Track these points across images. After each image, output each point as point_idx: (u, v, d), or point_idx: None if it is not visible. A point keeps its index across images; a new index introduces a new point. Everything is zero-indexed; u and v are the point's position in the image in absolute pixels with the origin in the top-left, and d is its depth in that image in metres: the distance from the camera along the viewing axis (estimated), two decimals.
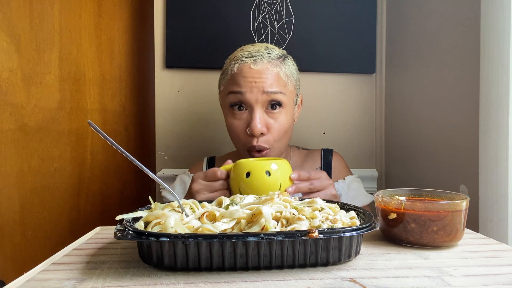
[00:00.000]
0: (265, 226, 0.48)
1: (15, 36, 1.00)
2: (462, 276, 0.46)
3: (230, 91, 0.87)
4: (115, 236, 0.46)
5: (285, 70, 0.88)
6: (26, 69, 1.03)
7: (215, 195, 0.75)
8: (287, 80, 0.87)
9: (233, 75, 0.87)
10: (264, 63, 0.85)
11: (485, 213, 0.79)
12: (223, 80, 0.91)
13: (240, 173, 0.74)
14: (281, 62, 0.88)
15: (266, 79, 0.84)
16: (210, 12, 1.23)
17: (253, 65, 0.85)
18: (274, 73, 0.86)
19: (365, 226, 0.50)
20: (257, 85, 0.84)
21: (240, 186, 0.74)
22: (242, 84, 0.85)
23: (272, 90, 0.84)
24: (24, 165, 1.03)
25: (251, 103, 0.85)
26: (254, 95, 0.84)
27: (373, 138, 1.34)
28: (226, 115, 0.90)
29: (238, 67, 0.86)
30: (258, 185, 0.73)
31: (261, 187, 0.73)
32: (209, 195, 0.75)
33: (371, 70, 1.30)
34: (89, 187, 1.22)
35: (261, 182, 0.73)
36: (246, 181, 0.73)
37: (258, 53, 0.87)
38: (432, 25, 1.03)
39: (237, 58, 0.88)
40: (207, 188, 0.76)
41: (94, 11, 1.22)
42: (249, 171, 0.73)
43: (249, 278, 0.45)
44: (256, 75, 0.84)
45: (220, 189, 0.76)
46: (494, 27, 0.77)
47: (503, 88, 0.75)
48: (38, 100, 1.06)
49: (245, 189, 0.73)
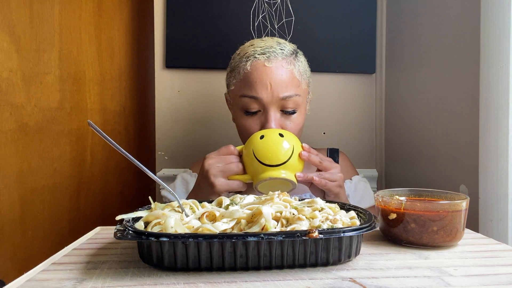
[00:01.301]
0: (265, 226, 0.48)
1: (15, 36, 1.00)
2: (462, 276, 0.46)
3: (243, 94, 0.84)
4: (115, 236, 0.46)
5: (299, 67, 0.86)
6: (26, 69, 1.03)
7: (228, 167, 0.75)
8: (300, 79, 0.86)
9: (246, 74, 0.83)
10: (278, 60, 0.83)
11: (485, 213, 0.79)
12: (233, 79, 0.87)
13: (254, 138, 0.77)
14: (294, 59, 0.86)
15: (281, 81, 0.82)
16: (210, 12, 1.23)
17: (267, 63, 0.82)
18: (288, 72, 0.83)
19: (365, 226, 0.50)
20: (272, 89, 0.81)
21: (254, 149, 0.75)
22: (258, 88, 0.81)
23: (287, 95, 0.82)
24: (24, 165, 1.03)
25: (266, 106, 0.83)
26: (269, 99, 0.82)
27: (373, 138, 1.34)
28: (237, 115, 0.88)
29: (251, 65, 0.83)
30: (272, 144, 0.76)
31: (275, 147, 0.75)
32: (222, 168, 0.75)
33: (371, 70, 1.30)
34: (89, 187, 1.22)
35: (275, 141, 0.76)
36: (260, 142, 0.76)
37: (271, 49, 0.84)
38: (432, 25, 1.03)
39: (248, 54, 0.84)
40: (220, 161, 0.76)
41: (94, 11, 1.22)
42: (263, 134, 0.77)
43: (249, 278, 0.45)
44: (271, 75, 0.82)
45: (233, 162, 0.76)
46: (494, 27, 0.77)
47: (503, 88, 0.75)
48: (38, 100, 1.06)
49: (259, 151, 0.74)
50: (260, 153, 0.74)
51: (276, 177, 0.73)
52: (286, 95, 0.82)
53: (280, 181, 0.75)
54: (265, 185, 0.76)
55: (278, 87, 0.82)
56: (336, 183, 0.77)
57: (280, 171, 0.74)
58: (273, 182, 0.75)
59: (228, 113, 0.96)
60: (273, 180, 0.75)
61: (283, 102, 0.83)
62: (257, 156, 0.74)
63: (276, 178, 0.74)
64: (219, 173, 0.75)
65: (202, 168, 0.76)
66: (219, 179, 0.75)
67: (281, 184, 0.76)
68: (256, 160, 0.74)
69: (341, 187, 0.79)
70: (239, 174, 0.77)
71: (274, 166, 0.74)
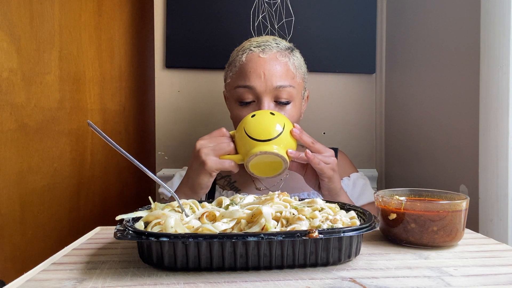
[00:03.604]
0: (265, 226, 0.48)
1: (15, 36, 1.00)
2: (462, 276, 0.46)
3: (238, 85, 0.85)
4: (115, 236, 0.46)
5: (294, 61, 0.87)
6: (26, 69, 1.03)
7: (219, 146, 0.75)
8: (295, 72, 0.87)
9: (241, 66, 0.85)
10: (272, 52, 0.85)
11: (485, 213, 0.79)
12: (230, 72, 0.89)
13: (245, 118, 0.77)
14: (289, 53, 0.88)
15: (275, 71, 0.83)
16: (210, 12, 1.23)
17: (262, 54, 0.84)
18: (283, 64, 0.85)
19: (365, 226, 0.50)
20: (266, 78, 0.83)
21: (246, 127, 0.75)
22: (251, 77, 0.83)
23: (281, 84, 0.83)
24: (24, 165, 1.03)
25: (260, 96, 0.84)
26: (263, 89, 0.83)
27: (373, 138, 1.34)
28: (232, 107, 0.89)
29: (247, 57, 0.85)
30: (263, 120, 0.76)
31: (266, 123, 0.75)
32: (214, 147, 0.75)
33: (371, 70, 1.30)
34: (89, 187, 1.22)
35: (267, 118, 0.77)
36: (251, 119, 0.76)
37: (266, 43, 0.87)
38: (432, 25, 1.03)
39: (245, 48, 0.87)
40: (212, 141, 0.76)
41: (94, 11, 1.22)
42: (255, 114, 0.77)
43: (249, 278, 0.45)
44: (265, 65, 0.83)
45: (225, 142, 0.76)
46: (494, 27, 0.77)
47: (503, 88, 0.75)
48: (38, 100, 1.06)
49: (250, 127, 0.74)
50: (251, 129, 0.74)
51: (267, 151, 0.72)
52: (279, 85, 0.83)
53: (271, 160, 0.73)
54: (257, 165, 0.75)
55: (272, 77, 0.83)
56: (330, 165, 0.76)
57: (271, 145, 0.73)
58: (265, 161, 0.74)
59: (228, 113, 0.96)
60: (264, 159, 0.73)
61: (277, 92, 0.83)
62: (248, 133, 0.74)
63: (267, 152, 0.72)
64: (210, 152, 0.74)
65: (194, 149, 0.76)
66: (211, 157, 0.74)
67: (273, 163, 0.74)
68: (247, 137, 0.74)
69: (334, 171, 0.77)
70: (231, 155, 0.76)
71: (265, 141, 0.73)
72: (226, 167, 0.75)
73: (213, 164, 0.74)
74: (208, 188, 0.78)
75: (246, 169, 0.75)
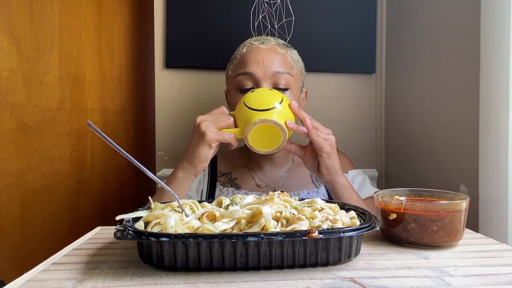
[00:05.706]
0: (265, 226, 0.48)
1: (15, 36, 1.00)
2: (462, 276, 0.46)
3: (238, 73, 0.89)
4: (115, 236, 0.46)
5: (291, 54, 0.93)
6: (26, 69, 1.03)
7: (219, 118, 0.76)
8: (293, 63, 0.91)
9: (242, 56, 0.90)
10: (271, 44, 0.91)
11: (485, 213, 0.79)
12: (231, 65, 0.94)
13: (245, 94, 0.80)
14: (287, 47, 0.93)
15: (274, 59, 0.87)
16: (210, 12, 1.23)
17: (261, 45, 0.90)
18: (281, 54, 0.90)
19: (365, 226, 0.50)
20: (265, 64, 0.86)
21: (245, 100, 0.77)
22: (251, 64, 0.87)
23: (279, 70, 0.87)
24: (24, 165, 1.03)
25: (259, 82, 0.86)
26: (262, 74, 0.86)
27: (373, 138, 1.34)
28: (233, 96, 0.91)
29: (247, 49, 0.90)
30: (262, 92, 0.80)
31: (265, 94, 0.79)
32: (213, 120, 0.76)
33: (371, 70, 1.30)
34: (89, 187, 1.22)
35: (266, 91, 0.81)
36: (251, 93, 0.79)
37: (266, 38, 0.93)
38: (432, 25, 1.03)
39: (245, 43, 0.94)
40: (212, 116, 0.77)
41: (94, 11, 1.22)
42: (254, 90, 0.81)
43: (249, 278, 0.45)
44: (264, 53, 0.88)
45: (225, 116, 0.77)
46: (494, 27, 0.77)
47: (503, 88, 0.75)
48: (38, 100, 1.06)
49: (249, 100, 0.77)
50: (250, 101, 0.76)
51: (266, 119, 0.72)
52: (278, 70, 0.87)
53: (270, 131, 0.74)
54: (256, 138, 0.75)
55: (270, 63, 0.87)
56: (328, 141, 0.77)
57: (270, 113, 0.74)
58: (264, 134, 0.74)
59: None
60: (263, 131, 0.74)
61: (275, 78, 0.87)
62: (247, 104, 0.76)
63: (266, 120, 0.72)
64: (210, 124, 0.75)
65: (194, 123, 0.77)
66: (211, 128, 0.75)
67: (272, 136, 0.75)
68: (246, 108, 0.75)
69: (333, 147, 0.78)
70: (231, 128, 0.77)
71: (265, 111, 0.74)
72: (226, 138, 0.75)
73: (213, 135, 0.75)
74: (207, 161, 0.77)
75: (246, 142, 0.76)
